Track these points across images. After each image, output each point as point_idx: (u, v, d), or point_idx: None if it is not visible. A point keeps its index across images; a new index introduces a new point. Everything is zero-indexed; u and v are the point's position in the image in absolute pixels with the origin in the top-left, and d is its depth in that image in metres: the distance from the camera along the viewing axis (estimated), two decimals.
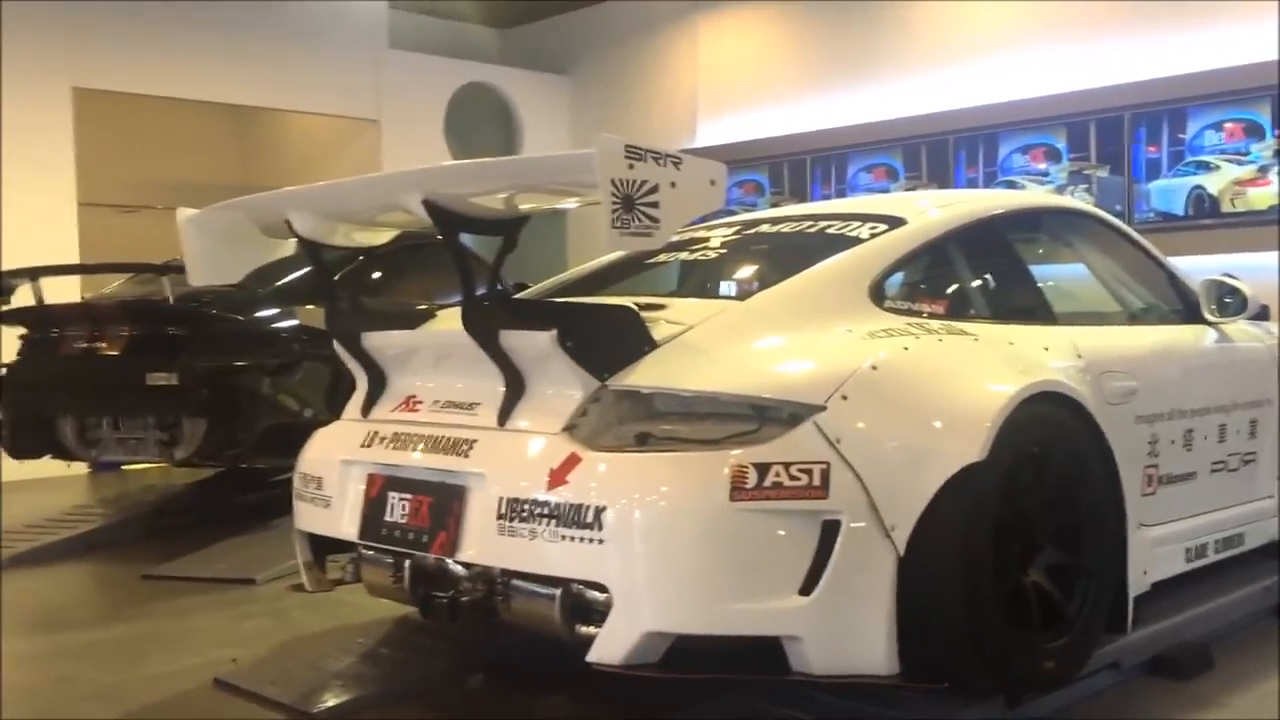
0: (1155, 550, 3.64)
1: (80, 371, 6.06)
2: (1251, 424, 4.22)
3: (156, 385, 5.81)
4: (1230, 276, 4.35)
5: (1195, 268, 4.69)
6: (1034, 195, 8.03)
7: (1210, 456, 4.01)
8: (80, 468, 8.06)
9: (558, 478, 2.81)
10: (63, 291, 6.73)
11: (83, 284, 8.15)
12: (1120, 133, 8.74)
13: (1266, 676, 3.60)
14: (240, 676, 3.72)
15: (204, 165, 12.07)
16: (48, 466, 6.76)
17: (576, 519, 2.76)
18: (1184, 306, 4.32)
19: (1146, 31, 8.78)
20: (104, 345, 6.00)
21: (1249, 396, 4.23)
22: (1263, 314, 4.55)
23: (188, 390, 5.81)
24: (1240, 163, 8.20)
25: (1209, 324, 4.26)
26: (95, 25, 9.59)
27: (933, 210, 3.83)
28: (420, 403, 3.36)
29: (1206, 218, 8.33)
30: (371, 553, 3.39)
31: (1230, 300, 4.27)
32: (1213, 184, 8.32)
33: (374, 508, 3.30)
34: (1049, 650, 3.10)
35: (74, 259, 9.08)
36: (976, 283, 3.83)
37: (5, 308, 6.11)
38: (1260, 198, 8.13)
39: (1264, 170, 8.09)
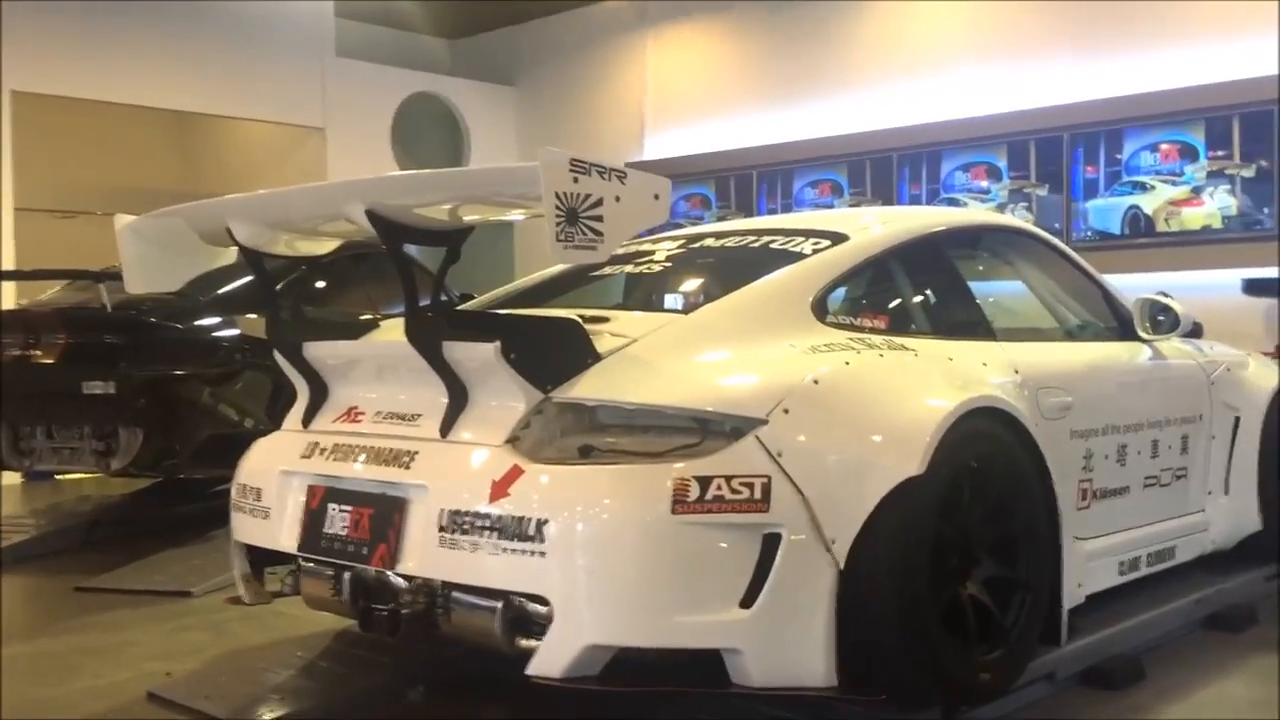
0: (1089, 563, 3.70)
1: (14, 379, 5.95)
2: (1183, 440, 4.31)
3: (93, 394, 5.72)
4: (1164, 295, 4.45)
5: (1134, 285, 4.79)
6: (975, 213, 8.15)
7: (1143, 471, 4.09)
8: (13, 477, 7.91)
9: (500, 490, 2.81)
10: None
11: (17, 290, 8.00)
12: (1059, 152, 8.90)
13: (1198, 687, 3.67)
14: (175, 690, 3.67)
15: (144, 171, 11.91)
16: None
17: (518, 531, 2.75)
18: (1119, 324, 4.40)
19: (1086, 54, 8.96)
20: (39, 353, 5.89)
21: (1181, 413, 4.32)
22: (1195, 331, 4.65)
23: (125, 399, 5.72)
24: (1175, 183, 8.38)
25: (1143, 341, 4.35)
26: (33, 27, 9.44)
27: (875, 226, 3.88)
28: (362, 414, 3.34)
29: (1142, 237, 8.50)
30: (311, 565, 3.36)
31: (1163, 318, 4.36)
32: (1148, 204, 8.49)
33: (314, 519, 3.27)
34: (985, 662, 3.14)
35: (9, 265, 8.91)
36: (917, 299, 3.88)
37: None
38: (1193, 218, 8.31)
39: (1197, 191, 8.27)
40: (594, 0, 12.21)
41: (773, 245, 3.75)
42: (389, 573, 3.06)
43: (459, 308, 3.98)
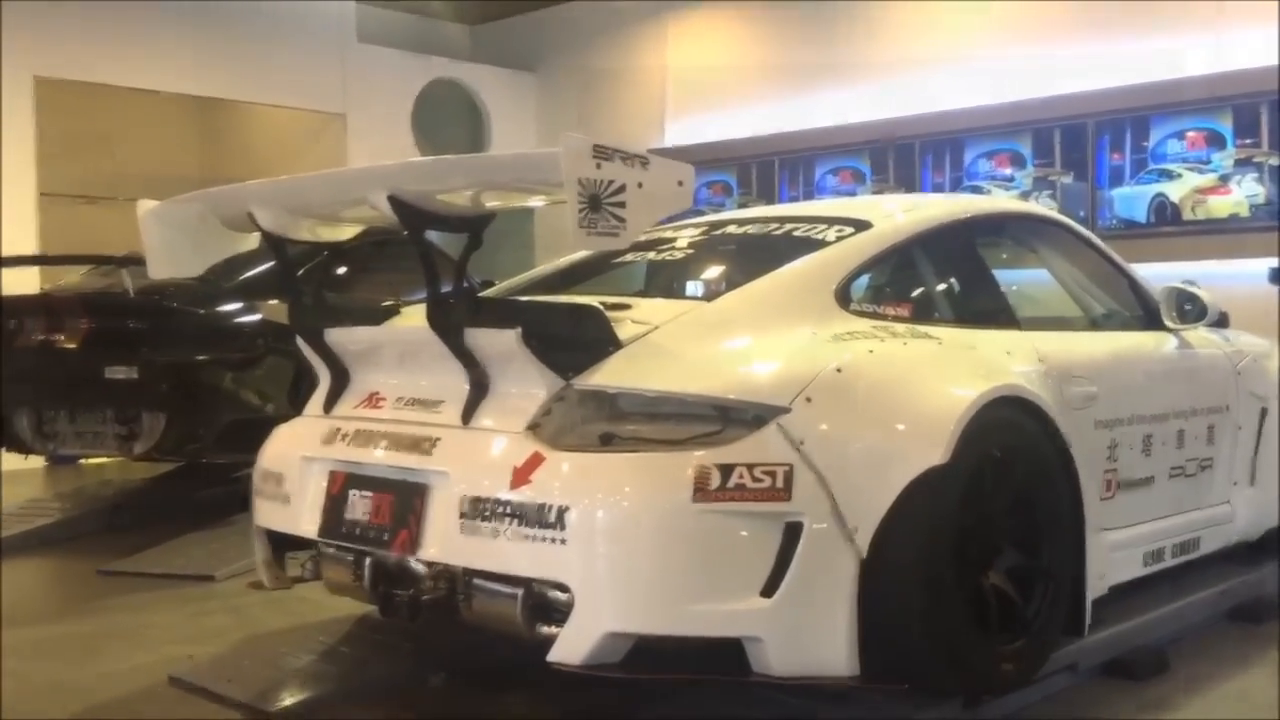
0: (1113, 554, 3.67)
1: (38, 364, 5.99)
2: (1209, 430, 4.27)
3: (116, 379, 5.75)
4: (1191, 284, 4.40)
5: (1161, 274, 4.75)
6: (999, 201, 8.10)
7: (1168, 462, 4.05)
8: (36, 461, 7.97)
9: (521, 477, 2.80)
10: (21, 283, 6.64)
11: (41, 275, 8.05)
12: (1084, 140, 8.84)
13: (1221, 680, 3.65)
14: (197, 674, 3.69)
15: (167, 157, 11.95)
16: (3, 459, 6.68)
17: (539, 518, 2.75)
18: (1145, 313, 4.36)
19: (1111, 40, 8.87)
20: (63, 338, 5.92)
21: (1207, 403, 4.27)
22: (1222, 321, 4.60)
23: (147, 384, 5.75)
24: (1201, 171, 8.31)
25: (1169, 331, 4.31)
26: (59, 14, 9.47)
27: (899, 214, 3.85)
28: (383, 400, 3.34)
29: (1168, 225, 8.43)
30: (332, 550, 3.37)
31: (1190, 307, 4.31)
32: (1174, 192, 8.42)
33: (335, 505, 3.27)
34: (1007, 652, 3.12)
35: (33, 250, 8.97)
36: (941, 287, 3.85)
37: None
38: (1220, 206, 8.24)
39: (1225, 179, 8.20)
40: None
41: (795, 233, 3.72)
42: (410, 559, 3.07)
43: (480, 294, 3.97)
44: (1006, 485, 3.20)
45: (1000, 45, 9.50)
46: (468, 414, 3.04)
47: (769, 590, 2.74)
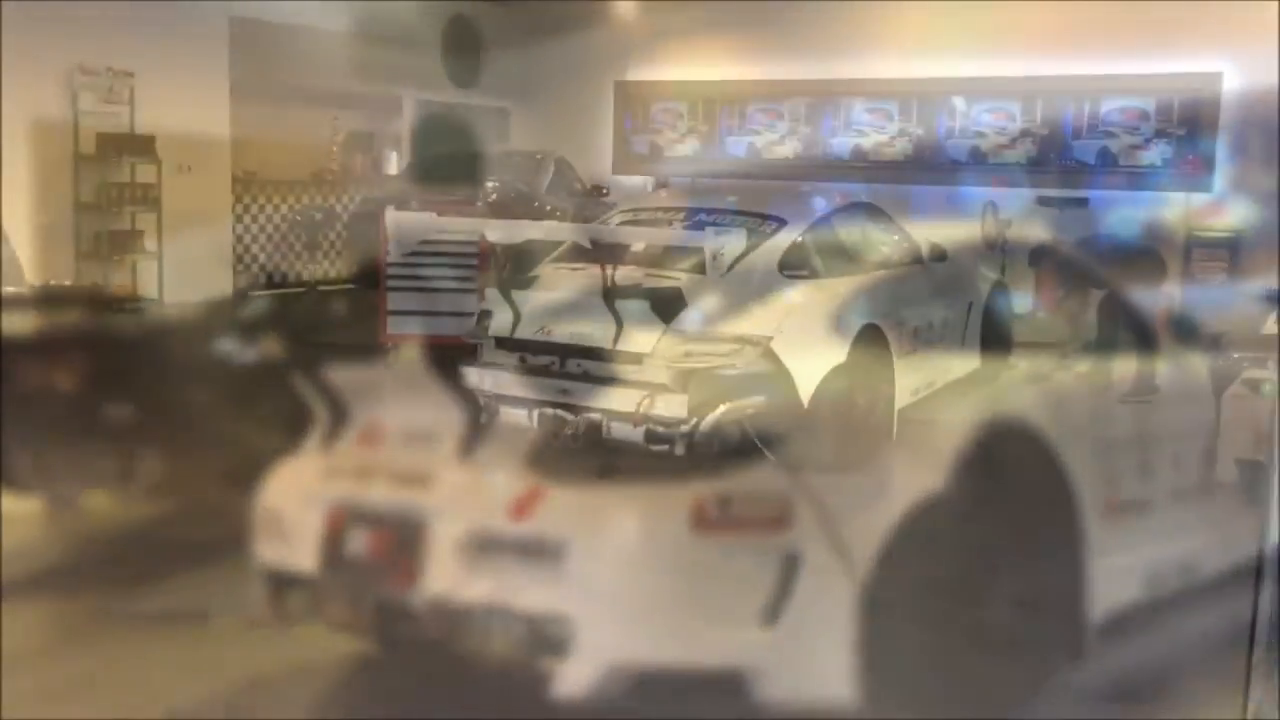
0: (1114, 577, 3.67)
1: (36, 401, 5.98)
2: (1208, 453, 4.27)
3: (114, 415, 5.74)
4: (1186, 307, 4.42)
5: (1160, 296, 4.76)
6: (995, 226, 8.12)
7: (1169, 485, 4.05)
8: (34, 499, 7.94)
9: (520, 510, 2.81)
10: (16, 319, 6.63)
11: (40, 312, 8.03)
12: (1084, 160, 8.87)
13: (1220, 701, 3.63)
14: (198, 712, 3.67)
15: (174, 193, 11.95)
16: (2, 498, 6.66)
17: (539, 551, 2.75)
18: (1141, 336, 4.37)
19: (1110, 63, 8.90)
20: (60, 375, 5.92)
21: (1206, 425, 4.28)
22: (1219, 343, 4.61)
23: (146, 421, 5.74)
24: (1198, 192, 8.34)
25: (1166, 353, 4.32)
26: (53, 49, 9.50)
27: (896, 244, 3.87)
28: (382, 436, 3.35)
29: (1164, 246, 8.44)
30: (331, 586, 3.36)
31: (1186, 330, 4.33)
32: (1171, 213, 8.46)
33: (334, 541, 3.27)
34: (1007, 674, 3.12)
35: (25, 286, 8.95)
36: (941, 314, 3.86)
37: None
38: (1218, 226, 8.26)
39: (1220, 199, 8.24)
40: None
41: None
42: (409, 593, 3.06)
43: (478, 322, 3.99)
44: (1005, 510, 3.20)
45: (999, 62, 9.50)
46: (466, 449, 3.05)
47: (769, 619, 2.74)
